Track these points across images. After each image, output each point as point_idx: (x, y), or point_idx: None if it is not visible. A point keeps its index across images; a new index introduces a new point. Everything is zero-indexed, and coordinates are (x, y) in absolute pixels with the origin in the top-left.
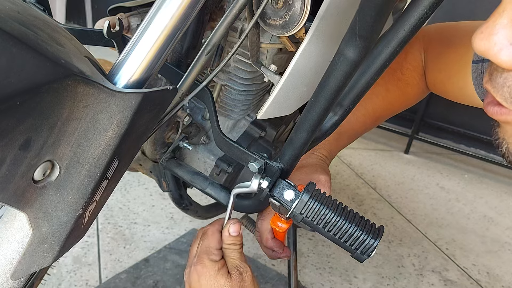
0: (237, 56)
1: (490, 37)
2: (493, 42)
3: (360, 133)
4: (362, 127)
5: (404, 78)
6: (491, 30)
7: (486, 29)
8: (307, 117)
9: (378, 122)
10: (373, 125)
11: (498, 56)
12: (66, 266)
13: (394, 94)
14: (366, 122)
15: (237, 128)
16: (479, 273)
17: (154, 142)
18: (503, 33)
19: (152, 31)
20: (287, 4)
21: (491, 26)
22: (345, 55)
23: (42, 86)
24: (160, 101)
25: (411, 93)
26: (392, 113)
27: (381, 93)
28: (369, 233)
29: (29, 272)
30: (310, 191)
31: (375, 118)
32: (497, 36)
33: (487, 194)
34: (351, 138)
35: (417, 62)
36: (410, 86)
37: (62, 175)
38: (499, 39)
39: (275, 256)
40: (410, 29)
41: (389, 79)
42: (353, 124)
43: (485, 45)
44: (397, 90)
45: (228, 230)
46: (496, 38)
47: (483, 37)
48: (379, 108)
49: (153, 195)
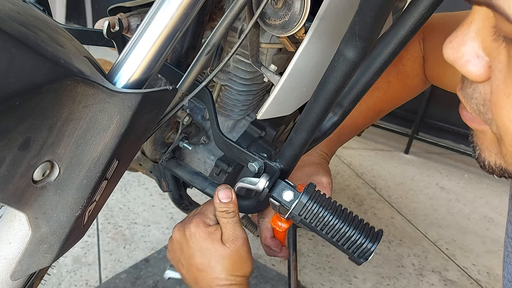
0: (237, 56)
1: (459, 48)
2: (461, 53)
3: (362, 127)
4: (363, 121)
5: (404, 69)
6: (459, 40)
7: (455, 38)
8: (306, 117)
9: (380, 115)
10: (375, 119)
11: (465, 67)
12: (66, 266)
13: (395, 87)
14: (368, 116)
15: (237, 128)
16: (479, 273)
17: (154, 142)
18: (471, 44)
19: (152, 31)
20: (286, 4)
21: (460, 37)
22: (345, 55)
23: (41, 86)
24: (160, 101)
25: (412, 85)
26: (394, 105)
27: (382, 86)
28: (367, 237)
29: (29, 272)
30: (310, 192)
31: (376, 111)
32: (465, 47)
33: (487, 194)
34: (353, 132)
35: (417, 52)
36: (411, 77)
37: (62, 175)
38: (467, 50)
39: (272, 254)
40: (410, 29)
41: (390, 72)
42: (355, 119)
43: (453, 55)
44: (398, 82)
45: (218, 196)
46: (464, 49)
47: (452, 47)
48: (381, 101)
49: (153, 195)
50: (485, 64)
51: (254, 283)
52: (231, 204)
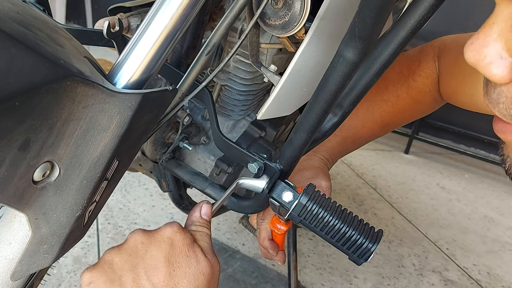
0: (237, 56)
1: (481, 49)
2: (483, 55)
3: (367, 139)
4: (368, 133)
5: (416, 85)
6: (481, 42)
7: (476, 40)
8: (306, 117)
9: (388, 130)
10: (381, 132)
11: (488, 69)
12: (66, 267)
13: (404, 101)
14: (374, 128)
15: (237, 129)
16: (479, 273)
17: (154, 142)
18: (494, 46)
19: (152, 31)
20: (287, 4)
21: (481, 38)
22: (345, 56)
23: (41, 86)
24: (160, 102)
25: (423, 101)
26: (402, 120)
27: (391, 99)
28: (367, 237)
29: (29, 272)
30: (309, 193)
31: (383, 124)
32: (487, 48)
33: (487, 194)
34: (356, 143)
35: (430, 69)
36: (422, 93)
37: (62, 175)
38: (490, 52)
39: (269, 257)
40: (410, 30)
41: (401, 86)
42: (359, 129)
43: (475, 57)
44: (408, 97)
45: (201, 211)
46: (486, 51)
47: (473, 49)
48: (388, 114)
49: (154, 196)
50: (509, 65)
51: (254, 283)
52: (208, 222)
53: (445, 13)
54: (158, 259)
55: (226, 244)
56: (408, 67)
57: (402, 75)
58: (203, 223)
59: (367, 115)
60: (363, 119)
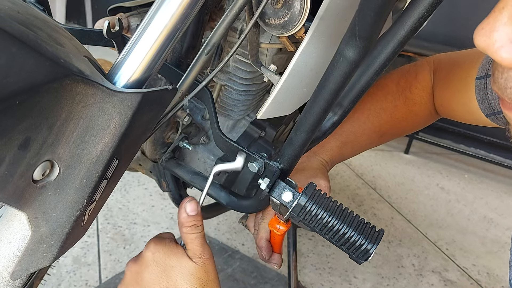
0: (236, 56)
1: (491, 34)
2: (494, 39)
3: (364, 147)
4: (366, 141)
5: (412, 96)
6: (492, 26)
7: (487, 25)
8: (306, 117)
9: (384, 140)
10: (378, 142)
11: (498, 53)
12: (65, 266)
13: (401, 112)
14: (371, 137)
15: (237, 128)
16: (479, 273)
17: (153, 142)
18: (504, 30)
19: (152, 31)
20: (286, 4)
21: (491, 23)
22: (345, 55)
23: (41, 85)
24: (160, 101)
25: (419, 113)
26: (399, 131)
27: (389, 109)
28: (367, 237)
29: (29, 272)
30: (309, 193)
31: (380, 133)
32: (497, 33)
33: (487, 195)
34: (355, 150)
35: (426, 82)
36: (418, 105)
37: (62, 174)
38: (500, 36)
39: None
40: (410, 29)
41: (398, 97)
42: (358, 136)
43: (485, 41)
44: (405, 108)
45: (185, 209)
46: (496, 35)
47: (484, 33)
48: (386, 124)
49: (153, 195)
50: None
51: (254, 283)
52: (198, 217)
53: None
54: (153, 280)
55: (226, 244)
56: (406, 79)
57: (400, 87)
58: (192, 221)
59: (367, 123)
60: (363, 127)
